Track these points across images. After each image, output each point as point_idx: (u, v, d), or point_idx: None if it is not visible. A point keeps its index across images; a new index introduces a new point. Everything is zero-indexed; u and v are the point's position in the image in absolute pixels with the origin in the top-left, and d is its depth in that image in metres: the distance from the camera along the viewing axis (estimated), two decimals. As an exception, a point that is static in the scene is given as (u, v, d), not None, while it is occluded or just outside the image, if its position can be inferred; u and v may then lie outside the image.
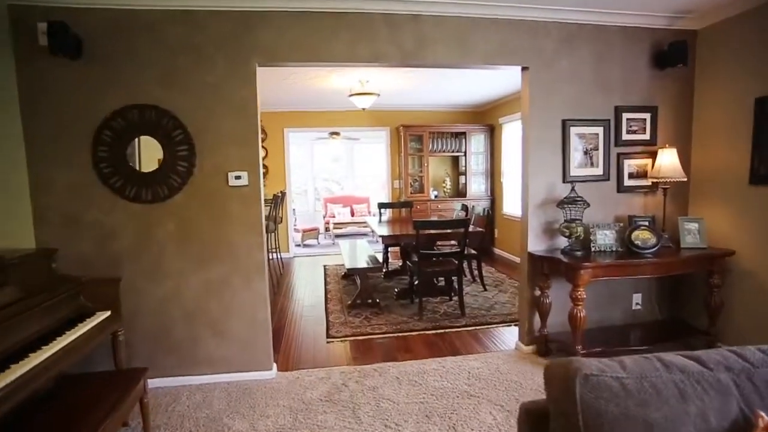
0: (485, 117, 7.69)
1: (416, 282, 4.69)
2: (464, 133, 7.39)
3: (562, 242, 3.31)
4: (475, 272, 5.32)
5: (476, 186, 7.57)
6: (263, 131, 7.39)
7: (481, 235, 4.76)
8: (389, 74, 5.04)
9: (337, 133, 9.53)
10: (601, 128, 3.33)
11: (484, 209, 5.00)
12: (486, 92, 6.44)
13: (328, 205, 10.59)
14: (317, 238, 9.57)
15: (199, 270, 3.00)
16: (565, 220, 3.19)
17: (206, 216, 2.97)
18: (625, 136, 3.38)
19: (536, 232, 3.33)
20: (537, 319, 3.37)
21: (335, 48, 2.96)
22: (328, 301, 4.99)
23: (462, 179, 7.86)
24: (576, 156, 3.32)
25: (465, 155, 7.45)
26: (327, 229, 9.98)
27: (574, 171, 3.32)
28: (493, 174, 7.50)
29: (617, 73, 3.32)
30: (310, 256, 7.89)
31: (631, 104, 3.36)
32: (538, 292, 3.32)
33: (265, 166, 7.46)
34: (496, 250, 7.30)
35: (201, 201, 2.96)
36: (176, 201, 2.93)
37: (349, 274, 5.45)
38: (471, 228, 4.45)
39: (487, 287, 5.23)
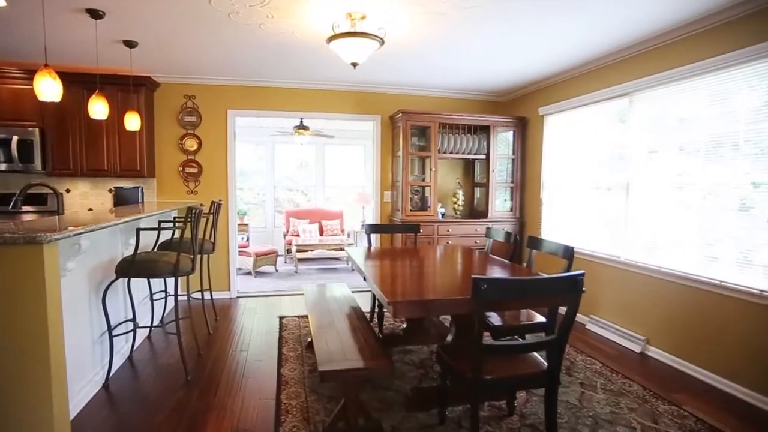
0: (512, 108, 5.60)
1: (448, 380, 2.46)
2: (488, 128, 5.25)
3: None
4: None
5: (499, 202, 5.43)
6: (195, 112, 4.99)
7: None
8: (404, 6, 2.84)
9: (305, 128, 7.24)
10: None
11: (565, 247, 2.82)
12: (522, 70, 4.33)
13: (291, 220, 8.22)
14: (275, 264, 7.20)
15: None
16: None
17: None
18: None
19: None
20: None
21: None
22: (283, 413, 2.64)
23: (477, 192, 5.71)
24: None
25: (488, 159, 5.30)
26: (288, 251, 7.61)
27: None
28: (523, 186, 5.39)
29: None
30: (261, 296, 5.46)
31: None
32: None
33: (196, 164, 5.05)
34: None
35: None
36: None
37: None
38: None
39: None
